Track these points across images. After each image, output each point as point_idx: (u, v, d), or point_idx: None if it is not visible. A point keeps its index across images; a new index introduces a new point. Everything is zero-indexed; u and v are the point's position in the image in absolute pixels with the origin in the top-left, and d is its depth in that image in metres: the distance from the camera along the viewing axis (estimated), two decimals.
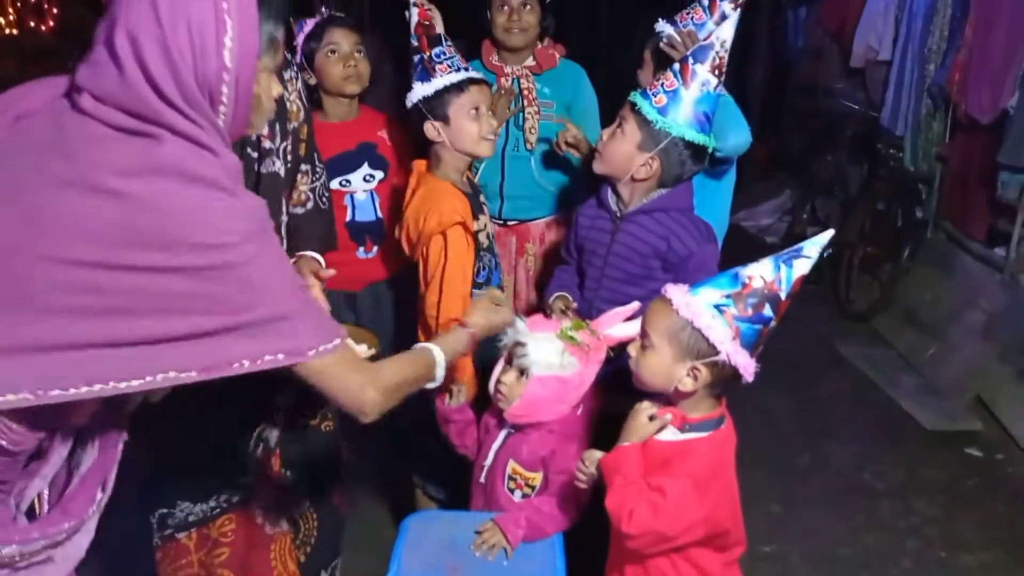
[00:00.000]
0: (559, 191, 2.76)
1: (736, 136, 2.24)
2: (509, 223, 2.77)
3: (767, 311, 1.50)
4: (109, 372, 1.11)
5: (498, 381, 1.91)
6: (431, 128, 2.14)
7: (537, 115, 2.68)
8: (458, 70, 2.14)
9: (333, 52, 2.45)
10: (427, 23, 2.16)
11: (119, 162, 1.08)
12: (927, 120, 4.66)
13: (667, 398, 1.60)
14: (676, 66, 1.98)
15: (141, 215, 1.07)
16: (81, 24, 9.40)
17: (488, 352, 1.99)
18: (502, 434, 1.98)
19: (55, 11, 8.70)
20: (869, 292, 4.76)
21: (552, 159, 2.69)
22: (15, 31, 8.61)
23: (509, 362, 1.90)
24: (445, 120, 2.13)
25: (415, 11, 2.17)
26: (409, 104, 2.17)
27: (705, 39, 2.02)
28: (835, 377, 4.10)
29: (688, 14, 2.40)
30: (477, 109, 2.15)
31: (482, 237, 2.24)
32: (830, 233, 1.55)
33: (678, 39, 2.31)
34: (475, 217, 2.20)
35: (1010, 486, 3.22)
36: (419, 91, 2.13)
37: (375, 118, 2.63)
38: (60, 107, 1.15)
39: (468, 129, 2.14)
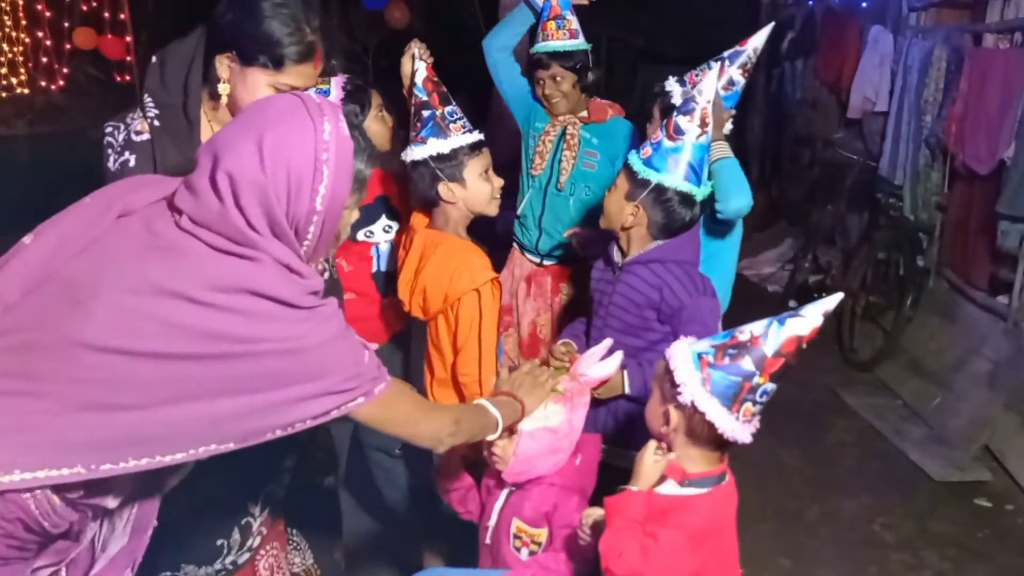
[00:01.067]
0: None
1: (737, 200, 2.28)
2: (546, 263, 2.90)
3: (746, 364, 1.50)
4: (157, 448, 1.18)
5: (490, 444, 1.88)
6: (446, 189, 2.14)
7: (573, 159, 2.80)
8: (470, 131, 2.16)
9: (382, 112, 2.49)
10: (435, 79, 2.17)
11: (214, 278, 1.17)
12: (925, 170, 4.70)
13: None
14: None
15: (223, 321, 1.16)
16: (89, 83, 9.60)
17: None
18: (503, 494, 1.95)
19: (64, 71, 8.86)
20: (872, 341, 4.76)
21: (588, 205, 2.78)
22: (27, 90, 8.77)
23: None
24: (461, 181, 2.14)
25: (422, 66, 2.18)
26: (416, 157, 2.14)
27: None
28: (841, 427, 4.07)
29: (697, 76, 2.44)
30: (487, 171, 2.18)
31: None
32: (838, 297, 1.54)
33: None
34: None
35: (1021, 537, 3.18)
36: (434, 147, 2.12)
37: (378, 172, 2.65)
38: (157, 214, 1.24)
39: (482, 190, 2.17)
